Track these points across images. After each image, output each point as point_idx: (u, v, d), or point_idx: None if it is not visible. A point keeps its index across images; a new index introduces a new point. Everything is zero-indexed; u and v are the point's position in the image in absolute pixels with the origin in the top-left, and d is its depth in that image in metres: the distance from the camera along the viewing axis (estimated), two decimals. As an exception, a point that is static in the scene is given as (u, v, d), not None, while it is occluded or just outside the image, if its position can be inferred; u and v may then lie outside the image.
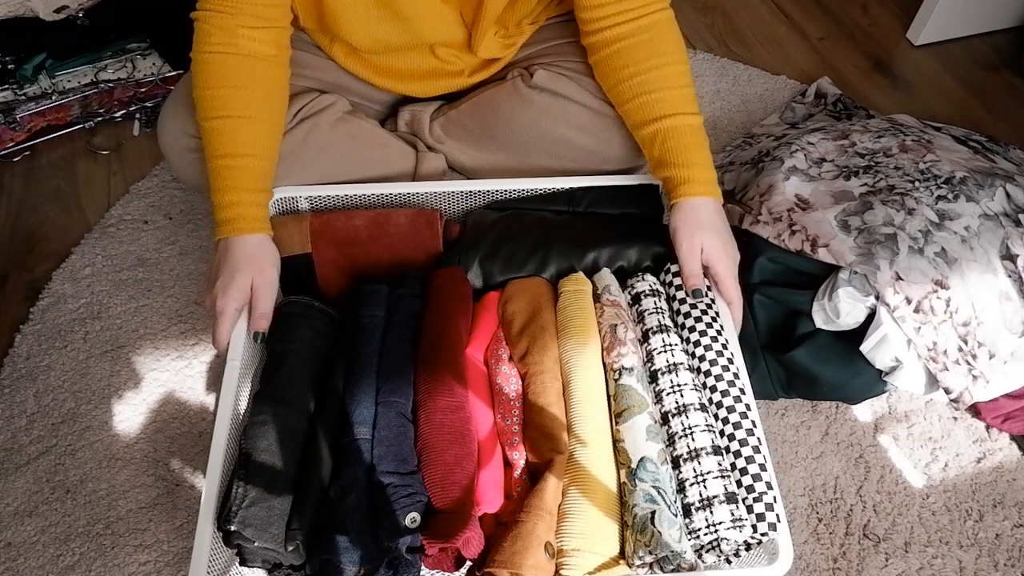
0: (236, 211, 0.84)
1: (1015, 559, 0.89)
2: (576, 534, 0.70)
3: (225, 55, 0.84)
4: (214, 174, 0.85)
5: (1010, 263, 0.95)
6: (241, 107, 0.85)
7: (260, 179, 0.87)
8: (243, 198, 0.85)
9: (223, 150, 0.84)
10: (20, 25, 1.33)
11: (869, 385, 0.96)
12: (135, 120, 1.31)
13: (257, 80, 0.86)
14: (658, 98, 0.88)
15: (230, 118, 0.84)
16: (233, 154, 0.85)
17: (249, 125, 0.85)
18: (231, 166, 0.84)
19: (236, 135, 0.85)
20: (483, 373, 0.82)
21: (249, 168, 0.85)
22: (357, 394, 0.76)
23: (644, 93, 0.88)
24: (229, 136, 0.85)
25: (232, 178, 0.84)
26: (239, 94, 0.85)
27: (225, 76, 0.85)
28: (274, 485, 0.70)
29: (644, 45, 0.88)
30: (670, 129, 0.87)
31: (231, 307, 0.81)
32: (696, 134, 0.88)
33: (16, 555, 0.87)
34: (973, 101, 1.43)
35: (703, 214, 0.85)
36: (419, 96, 1.05)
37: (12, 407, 0.98)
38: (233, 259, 0.83)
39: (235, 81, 0.85)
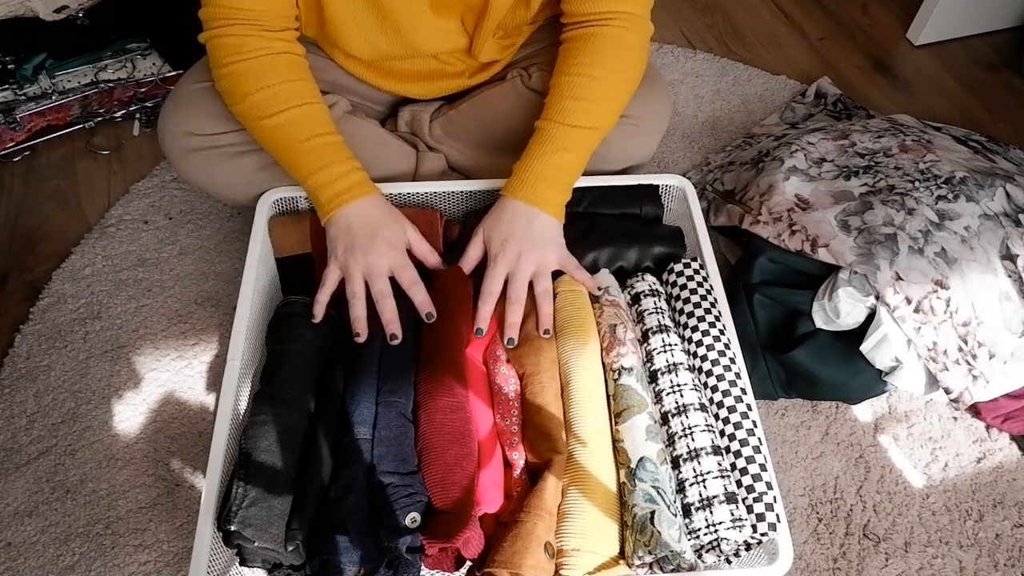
0: (353, 178, 0.83)
1: (1015, 559, 0.89)
2: (576, 534, 0.70)
3: (267, 56, 0.83)
4: (309, 156, 0.83)
5: (1010, 263, 0.95)
6: (306, 95, 0.84)
7: (349, 152, 0.86)
8: (352, 165, 0.84)
9: (308, 132, 0.83)
10: (20, 25, 1.33)
11: (869, 385, 0.96)
12: (135, 120, 1.31)
13: (303, 73, 0.86)
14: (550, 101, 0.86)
15: (301, 106, 0.83)
16: (322, 133, 0.84)
17: (320, 108, 0.85)
18: (326, 143, 0.84)
19: (315, 117, 0.84)
20: (483, 373, 0.82)
21: (341, 142, 0.85)
22: (357, 394, 0.76)
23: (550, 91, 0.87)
24: (309, 119, 0.84)
25: (332, 152, 0.84)
26: (298, 85, 0.84)
27: (275, 74, 0.83)
28: (274, 485, 0.70)
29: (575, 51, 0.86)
30: (540, 130, 0.86)
31: (383, 266, 0.80)
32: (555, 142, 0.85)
33: (16, 555, 0.87)
34: (973, 101, 1.43)
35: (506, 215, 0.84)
36: (419, 97, 1.05)
37: (12, 407, 0.98)
38: (371, 217, 0.82)
39: (288, 75, 0.84)
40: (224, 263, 1.12)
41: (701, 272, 0.88)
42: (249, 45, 0.82)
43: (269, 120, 0.83)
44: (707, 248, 0.92)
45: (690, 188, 0.97)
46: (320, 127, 0.84)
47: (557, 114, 0.85)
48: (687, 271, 0.88)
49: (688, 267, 0.88)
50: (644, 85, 0.97)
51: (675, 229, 0.95)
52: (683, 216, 0.97)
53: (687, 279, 0.87)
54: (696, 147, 1.31)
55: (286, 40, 0.85)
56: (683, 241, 0.94)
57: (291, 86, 0.84)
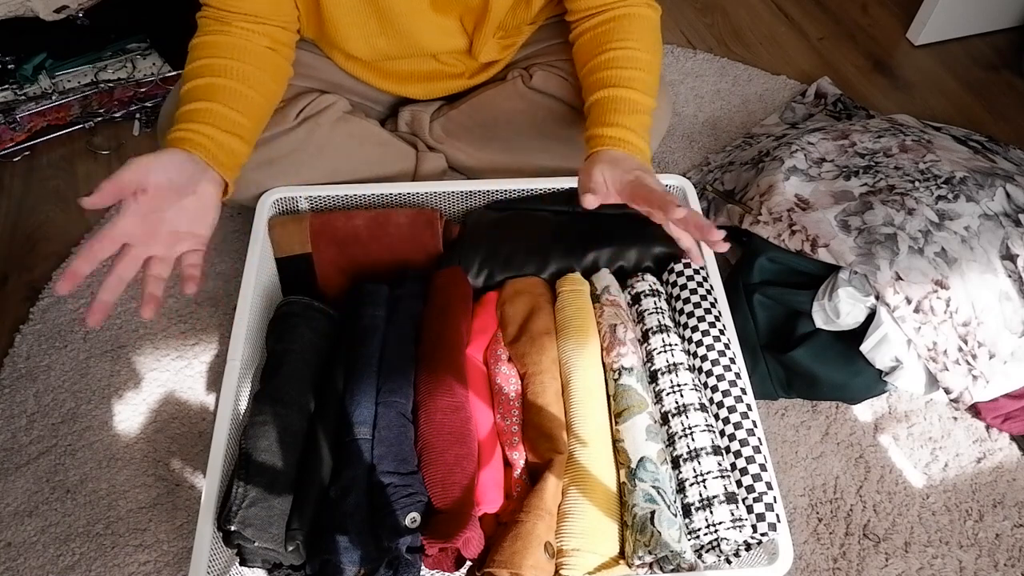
0: (180, 135, 0.76)
1: (1015, 559, 0.89)
2: (576, 534, 0.70)
3: (216, 35, 0.82)
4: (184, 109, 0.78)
5: (1010, 263, 0.95)
6: (219, 71, 0.80)
7: (222, 121, 0.78)
8: (196, 128, 0.77)
9: (188, 100, 0.79)
10: (20, 25, 1.33)
11: (869, 385, 0.96)
12: (135, 120, 1.31)
13: (243, 55, 0.82)
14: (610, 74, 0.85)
15: (206, 77, 0.80)
16: (198, 100, 0.78)
17: (225, 83, 0.80)
18: (192, 108, 0.78)
19: (208, 90, 0.79)
20: (483, 373, 0.82)
21: (210, 109, 0.78)
22: (357, 394, 0.76)
23: (607, 68, 0.85)
24: (200, 91, 0.79)
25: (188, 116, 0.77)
26: (220, 63, 0.81)
27: (210, 49, 0.81)
28: (274, 485, 0.70)
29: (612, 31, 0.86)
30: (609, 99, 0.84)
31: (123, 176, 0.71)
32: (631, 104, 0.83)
33: (16, 555, 0.87)
34: (973, 101, 1.43)
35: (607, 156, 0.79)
36: (419, 98, 1.05)
37: (12, 407, 0.98)
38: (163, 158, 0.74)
39: (218, 52, 0.81)
40: (224, 263, 1.12)
41: (701, 272, 0.88)
42: (211, 26, 0.82)
43: (188, 84, 0.80)
44: (707, 248, 0.92)
45: (690, 188, 0.97)
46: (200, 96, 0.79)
47: (627, 81, 0.84)
48: (687, 271, 0.88)
49: (688, 267, 0.88)
50: None
51: (675, 229, 0.95)
52: (683, 216, 0.97)
53: (687, 279, 0.87)
54: (696, 147, 1.31)
55: (257, 33, 0.83)
56: (683, 241, 0.94)
57: (215, 62, 0.81)
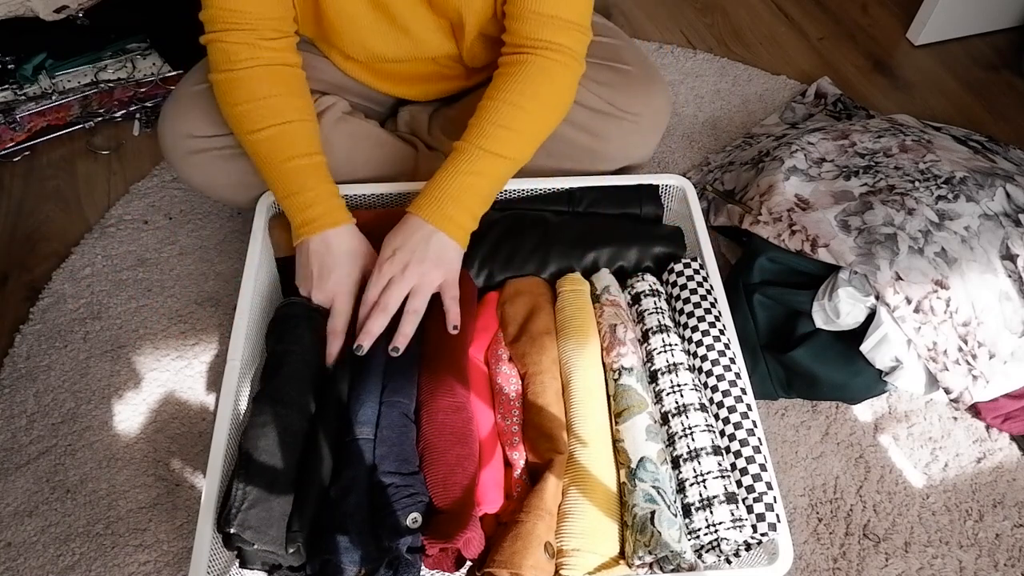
0: (324, 205, 0.82)
1: (1015, 559, 0.89)
2: (576, 534, 0.70)
3: (254, 68, 0.83)
4: (285, 178, 0.82)
5: (1010, 263, 0.95)
6: (289, 112, 0.84)
7: (329, 173, 0.85)
8: (325, 190, 0.83)
9: (287, 153, 0.83)
10: (20, 25, 1.33)
11: (869, 385, 0.96)
12: (135, 120, 1.31)
13: (293, 86, 0.85)
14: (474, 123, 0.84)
15: (282, 124, 0.83)
16: (300, 154, 0.83)
17: (303, 127, 0.84)
18: (303, 165, 0.83)
19: (295, 137, 0.83)
20: (484, 374, 0.82)
21: (320, 164, 0.84)
22: (362, 394, 0.76)
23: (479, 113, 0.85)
24: (289, 139, 0.83)
25: (308, 176, 0.83)
26: (283, 101, 0.84)
27: (261, 87, 0.83)
28: (274, 487, 0.70)
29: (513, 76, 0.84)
30: (458, 150, 0.84)
31: (350, 300, 0.80)
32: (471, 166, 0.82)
33: (16, 555, 0.87)
34: (973, 101, 1.43)
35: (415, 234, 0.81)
36: (417, 99, 1.05)
37: (12, 407, 0.98)
38: (337, 251, 0.81)
39: (274, 90, 0.83)
40: (224, 263, 1.12)
41: (701, 272, 0.88)
42: (241, 54, 0.82)
43: (252, 136, 0.83)
44: (707, 248, 0.92)
45: (690, 188, 0.97)
46: (299, 148, 0.83)
47: (478, 138, 0.83)
48: (687, 271, 0.88)
49: (688, 267, 0.88)
50: (643, 83, 0.97)
51: (675, 229, 0.95)
52: (683, 216, 0.97)
53: (687, 279, 0.87)
54: (696, 147, 1.31)
55: (279, 50, 0.85)
56: (683, 241, 0.94)
57: (276, 101, 0.83)
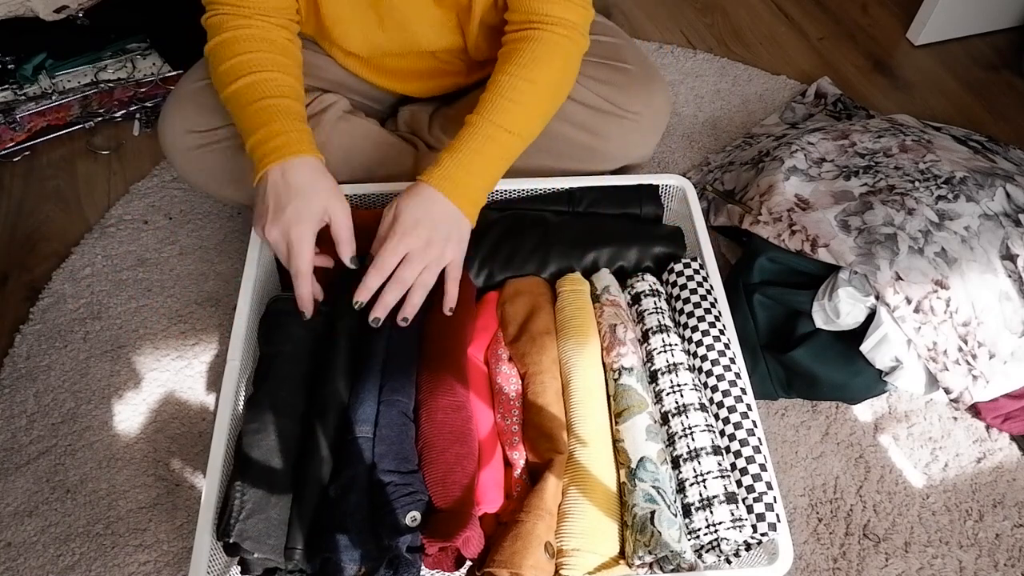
0: (287, 137, 0.78)
1: (1015, 559, 0.89)
2: (576, 534, 0.70)
3: (244, 30, 0.82)
4: (251, 116, 0.79)
5: (1010, 263, 0.95)
6: (269, 64, 0.81)
7: (303, 117, 0.81)
8: (291, 126, 0.78)
9: (257, 95, 0.79)
10: (20, 25, 1.33)
11: (869, 385, 0.96)
12: (135, 120, 1.31)
13: (279, 47, 0.84)
14: (486, 97, 0.83)
15: (260, 72, 0.80)
16: (271, 95, 0.80)
17: (281, 76, 0.82)
18: (271, 105, 0.79)
19: (269, 84, 0.80)
20: (484, 373, 0.82)
21: (291, 108, 0.80)
22: (361, 393, 0.76)
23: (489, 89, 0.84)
24: (262, 86, 0.80)
25: (275, 112, 0.79)
26: (265, 56, 0.82)
27: (247, 44, 0.81)
28: (271, 493, 0.70)
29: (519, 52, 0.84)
30: (472, 124, 0.83)
31: (308, 235, 0.75)
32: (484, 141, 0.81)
33: (16, 555, 0.87)
34: (973, 101, 1.43)
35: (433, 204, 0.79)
36: (419, 96, 1.05)
37: (12, 407, 0.98)
38: (298, 182, 0.76)
39: (258, 47, 0.82)
40: (224, 263, 1.12)
41: (701, 272, 0.88)
42: (232, 22, 0.82)
43: (231, 87, 0.81)
44: (707, 248, 0.92)
45: (690, 188, 0.97)
46: (273, 91, 0.80)
47: (492, 113, 0.82)
48: (687, 271, 0.88)
49: (688, 267, 0.88)
50: (643, 82, 0.97)
51: (675, 229, 0.95)
52: (683, 216, 0.97)
53: (687, 279, 0.87)
54: (696, 147, 1.31)
55: (276, 25, 0.84)
56: (683, 241, 0.94)
57: (259, 56, 0.81)
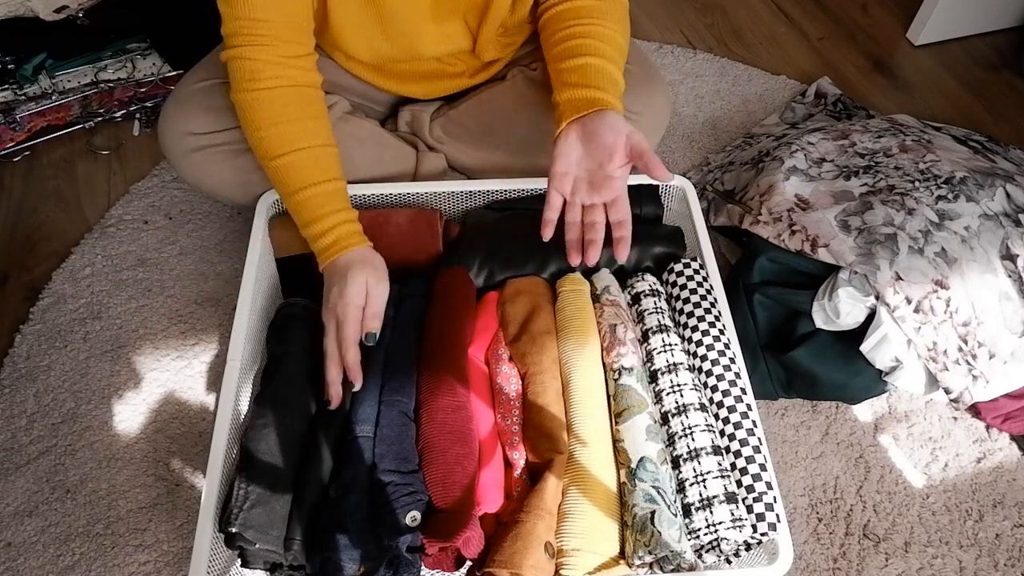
0: (338, 232, 0.82)
1: (1015, 559, 0.89)
2: (576, 534, 0.70)
3: (281, 89, 0.82)
4: (302, 206, 0.83)
5: (1010, 263, 0.95)
6: (311, 137, 0.83)
7: (347, 198, 0.85)
8: (340, 218, 0.83)
9: (306, 181, 0.83)
10: (20, 25, 1.33)
11: (869, 385, 0.96)
12: (135, 120, 1.31)
13: (316, 109, 0.85)
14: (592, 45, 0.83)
15: (304, 150, 0.83)
16: (318, 181, 0.83)
17: (324, 152, 0.84)
18: (319, 193, 0.83)
19: (316, 164, 0.83)
20: (484, 373, 0.82)
21: (337, 190, 0.84)
22: (361, 392, 0.76)
23: (581, 36, 0.84)
24: (309, 166, 0.83)
25: (324, 203, 0.83)
26: (307, 125, 0.83)
27: (286, 110, 0.82)
28: (275, 487, 0.70)
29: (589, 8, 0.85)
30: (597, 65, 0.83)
31: (353, 309, 0.79)
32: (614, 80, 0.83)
33: (16, 555, 0.87)
34: (973, 101, 1.43)
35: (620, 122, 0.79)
36: (420, 97, 1.05)
37: (12, 407, 0.98)
38: (345, 268, 0.81)
39: (297, 113, 0.83)
40: (224, 263, 1.12)
41: (701, 272, 0.88)
42: (265, 72, 0.81)
43: (273, 162, 0.83)
44: (707, 248, 0.92)
45: (690, 188, 0.97)
46: (321, 173, 0.83)
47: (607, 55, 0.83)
48: (687, 271, 0.88)
49: (688, 267, 0.88)
50: (643, 82, 0.97)
51: (675, 229, 0.95)
52: (683, 216, 0.97)
53: (687, 279, 0.87)
54: (696, 147, 1.31)
55: (303, 69, 0.84)
56: (683, 241, 0.94)
57: (298, 126, 0.83)
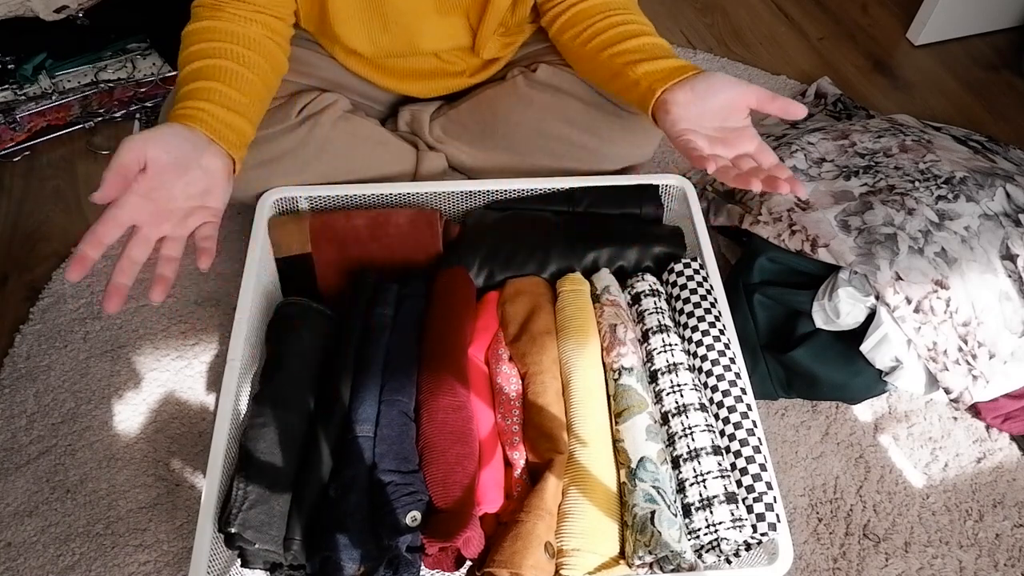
0: (180, 111, 0.74)
1: (1015, 559, 0.89)
2: (576, 534, 0.70)
3: (207, 21, 0.80)
4: (170, 105, 0.76)
5: (1010, 263, 0.95)
6: (213, 53, 0.78)
7: (220, 98, 0.76)
8: (196, 104, 0.74)
9: (184, 82, 0.76)
10: (20, 25, 1.33)
11: (869, 385, 0.96)
12: (135, 120, 1.31)
13: (236, 39, 0.80)
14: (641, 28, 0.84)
15: (200, 59, 0.78)
16: (195, 80, 0.76)
17: (220, 63, 0.78)
18: (190, 89, 0.75)
19: (202, 71, 0.77)
20: (484, 373, 0.82)
21: (209, 88, 0.76)
22: (361, 392, 0.76)
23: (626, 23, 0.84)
24: (194, 73, 0.77)
25: (186, 95, 0.75)
26: (214, 46, 0.79)
27: (202, 35, 0.79)
28: (274, 487, 0.70)
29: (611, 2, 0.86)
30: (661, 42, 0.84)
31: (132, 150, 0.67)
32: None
33: (16, 555, 0.87)
34: (973, 101, 1.43)
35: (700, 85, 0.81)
36: (420, 96, 1.05)
37: (12, 407, 0.98)
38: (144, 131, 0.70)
39: (212, 36, 0.79)
40: (224, 263, 1.12)
41: (701, 272, 0.88)
42: (202, 13, 0.81)
43: (182, 70, 0.79)
44: (707, 248, 0.92)
45: (690, 188, 0.97)
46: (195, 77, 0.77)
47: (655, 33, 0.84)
48: (687, 271, 0.88)
49: (688, 267, 0.88)
50: None
51: (675, 229, 0.95)
52: (683, 216, 0.97)
53: (687, 279, 0.87)
54: (696, 147, 1.31)
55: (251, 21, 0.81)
56: (683, 241, 0.94)
57: (218, 45, 0.79)
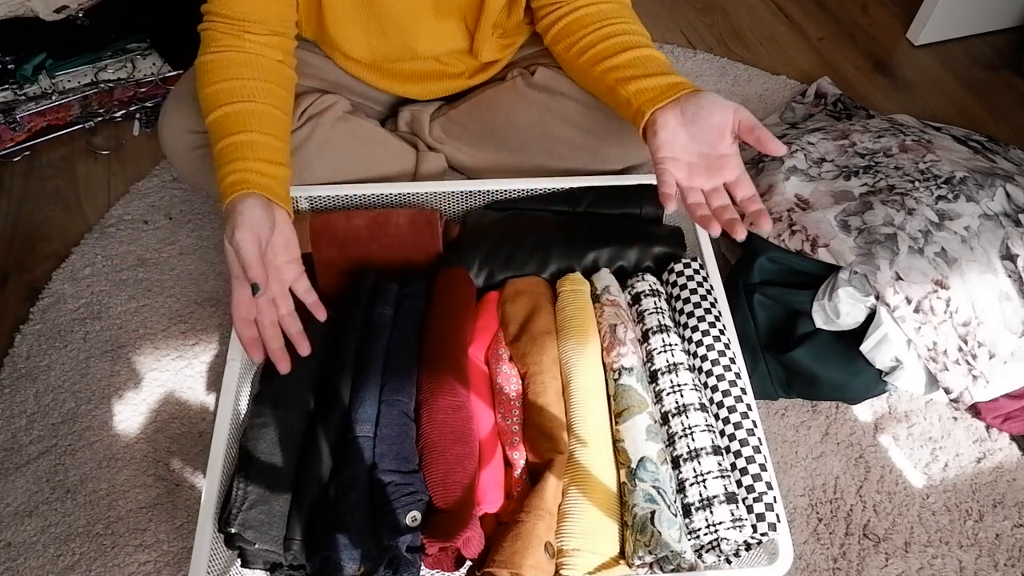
0: (236, 176, 0.77)
1: (1015, 559, 0.89)
2: (576, 534, 0.70)
3: (231, 52, 0.82)
4: (217, 156, 0.79)
5: (1010, 263, 0.95)
6: (248, 94, 0.81)
7: (266, 151, 0.79)
8: (246, 165, 0.78)
9: (228, 131, 0.79)
10: (20, 25, 1.33)
11: (869, 385, 0.96)
12: (135, 120, 1.31)
13: (264, 73, 0.83)
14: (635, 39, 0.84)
15: (237, 103, 0.80)
16: (238, 131, 0.79)
17: (256, 108, 0.81)
18: (235, 142, 0.79)
19: (241, 117, 0.80)
20: (484, 373, 0.82)
21: (253, 141, 0.79)
22: (361, 392, 0.76)
23: (618, 34, 0.85)
24: (233, 119, 0.80)
25: (235, 152, 0.78)
26: (246, 84, 0.82)
27: (230, 70, 0.82)
28: (274, 487, 0.70)
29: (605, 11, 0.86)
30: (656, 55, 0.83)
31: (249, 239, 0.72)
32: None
33: (16, 555, 0.87)
34: (973, 101, 1.43)
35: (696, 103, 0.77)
36: (420, 98, 1.05)
37: (12, 407, 0.98)
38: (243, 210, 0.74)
39: (241, 73, 0.82)
40: (224, 263, 1.12)
41: (701, 272, 0.88)
42: (222, 41, 0.82)
43: (210, 116, 0.81)
44: (707, 248, 0.92)
45: (690, 188, 0.97)
46: (245, 125, 0.79)
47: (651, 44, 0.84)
48: (687, 271, 0.88)
49: (688, 267, 0.88)
50: None
51: (675, 229, 0.95)
52: (683, 216, 0.97)
53: (687, 279, 0.87)
54: (696, 147, 1.31)
55: (268, 46, 0.84)
56: (683, 241, 0.94)
57: (238, 84, 0.81)
